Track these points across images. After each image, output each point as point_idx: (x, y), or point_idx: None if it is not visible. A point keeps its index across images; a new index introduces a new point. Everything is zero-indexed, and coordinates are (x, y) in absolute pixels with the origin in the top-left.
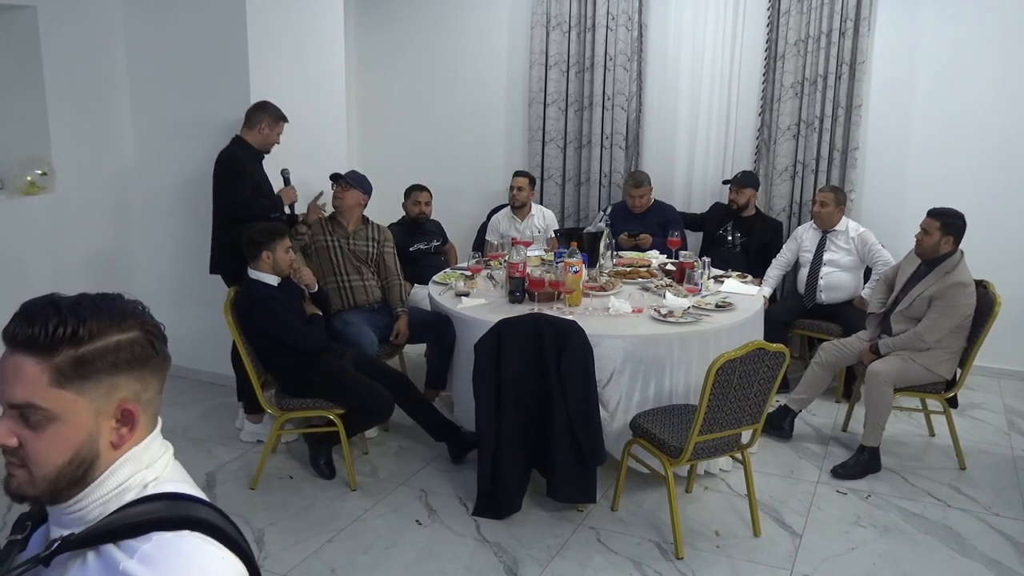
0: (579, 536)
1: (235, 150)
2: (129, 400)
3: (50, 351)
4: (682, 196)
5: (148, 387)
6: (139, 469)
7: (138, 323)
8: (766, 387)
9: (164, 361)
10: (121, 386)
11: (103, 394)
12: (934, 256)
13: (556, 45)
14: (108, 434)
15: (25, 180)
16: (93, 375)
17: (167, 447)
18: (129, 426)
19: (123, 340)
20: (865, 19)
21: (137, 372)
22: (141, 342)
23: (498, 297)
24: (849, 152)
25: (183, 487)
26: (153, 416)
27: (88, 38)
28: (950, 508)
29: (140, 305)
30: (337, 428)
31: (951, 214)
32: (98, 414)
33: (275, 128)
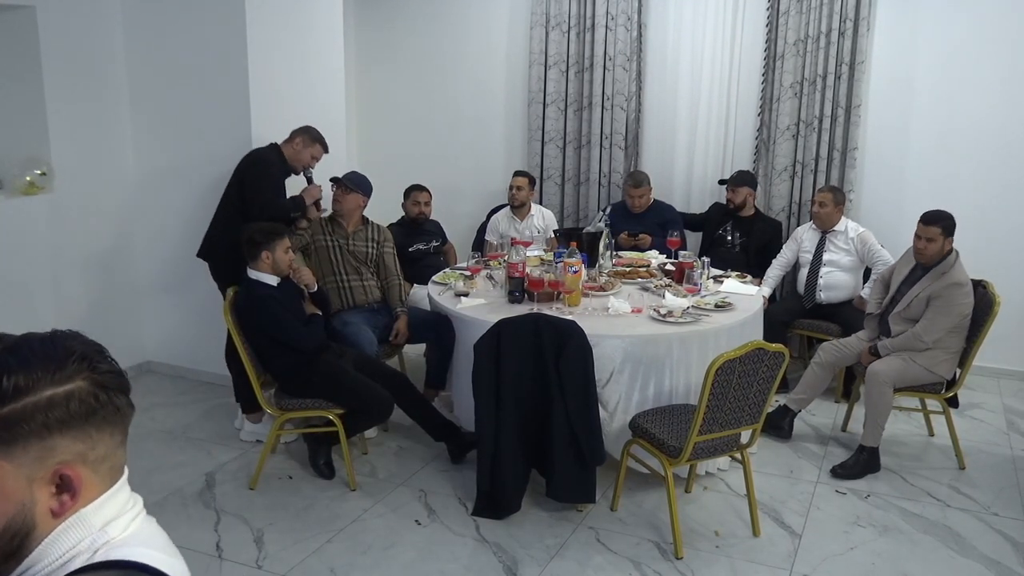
0: (578, 536)
1: (267, 153)
2: (70, 463)
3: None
4: (681, 196)
5: (98, 444)
6: (88, 533)
7: (82, 371)
8: (765, 387)
9: (115, 413)
10: (58, 448)
11: (34, 459)
12: (940, 259)
13: (555, 45)
14: (45, 501)
15: (24, 180)
16: (21, 438)
17: (134, 502)
18: (70, 492)
19: (58, 395)
20: (864, 19)
21: (78, 430)
22: (82, 395)
23: (497, 297)
24: (848, 152)
25: (144, 552)
26: (110, 473)
27: (87, 38)
28: (949, 508)
29: (92, 348)
30: (336, 428)
31: (944, 215)
32: (31, 481)
33: (309, 147)
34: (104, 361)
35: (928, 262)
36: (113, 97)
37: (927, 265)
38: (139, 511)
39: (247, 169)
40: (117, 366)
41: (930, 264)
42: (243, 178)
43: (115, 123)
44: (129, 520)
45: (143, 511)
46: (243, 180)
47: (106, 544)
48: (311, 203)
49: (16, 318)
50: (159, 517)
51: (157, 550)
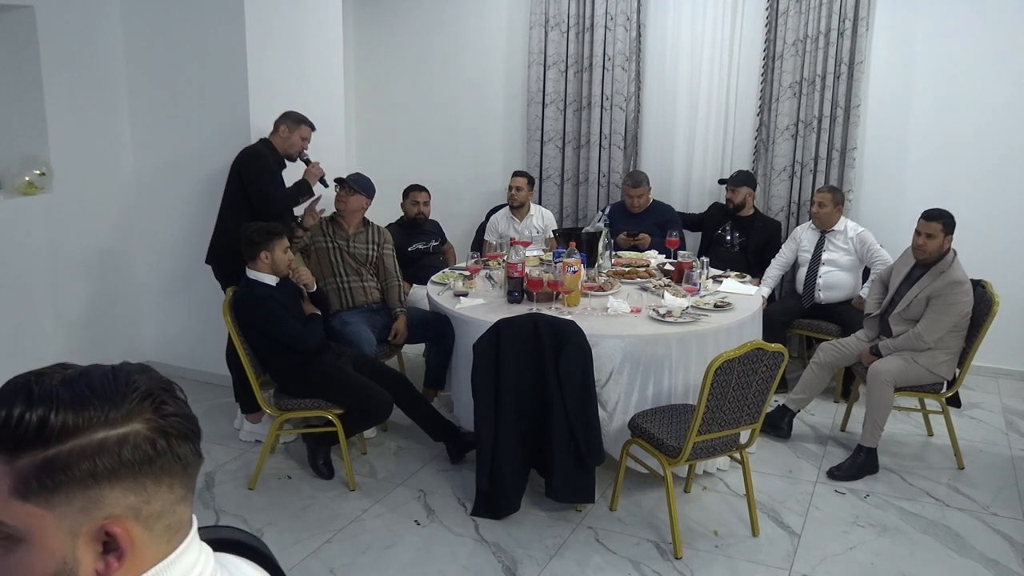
0: (578, 536)
1: (259, 147)
2: (119, 518)
3: (13, 449)
4: (680, 196)
5: (153, 497)
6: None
7: (143, 412)
8: (764, 387)
9: (176, 463)
10: (106, 500)
11: (79, 510)
12: (938, 259)
13: (554, 45)
14: (91, 562)
15: (23, 180)
16: (64, 485)
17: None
18: (117, 553)
19: (110, 438)
20: (863, 19)
21: (131, 480)
22: (138, 440)
23: (496, 297)
24: (847, 152)
25: None
26: (167, 532)
27: (86, 38)
28: (948, 508)
29: (158, 385)
30: (336, 428)
31: (945, 213)
32: (75, 536)
33: (295, 131)
34: (171, 402)
35: (927, 259)
36: (112, 97)
37: (926, 262)
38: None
39: (243, 167)
40: (186, 408)
41: (928, 262)
42: (241, 177)
43: (114, 123)
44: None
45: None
46: (242, 179)
47: None
48: (315, 182)
49: (15, 318)
50: None
51: None
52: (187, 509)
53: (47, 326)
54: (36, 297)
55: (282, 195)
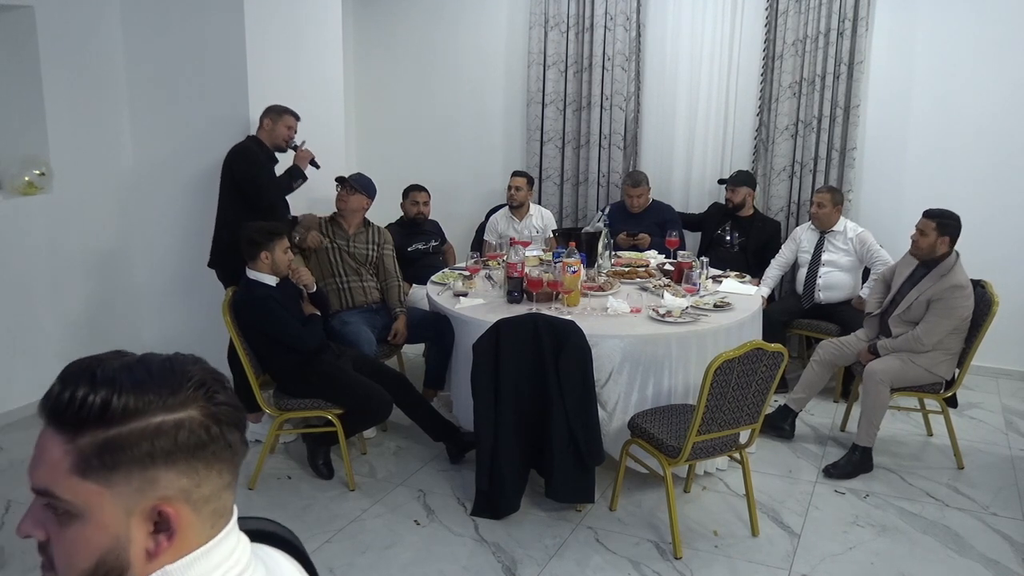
0: (577, 536)
1: (247, 143)
2: (171, 500)
3: (76, 428)
4: (680, 196)
5: (203, 483)
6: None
7: (197, 400)
8: (764, 387)
9: (226, 450)
10: (160, 481)
11: (135, 490)
12: (930, 257)
13: (554, 45)
14: (142, 540)
15: (23, 180)
16: (122, 464)
17: (238, 562)
18: (168, 533)
19: (167, 422)
20: (863, 19)
21: (184, 463)
22: (193, 425)
23: (496, 297)
24: (847, 152)
25: None
26: (213, 517)
27: (86, 38)
28: (948, 508)
29: (211, 376)
30: (335, 428)
31: (947, 215)
32: (129, 514)
33: (279, 122)
34: (222, 392)
35: (919, 255)
36: (112, 97)
37: (919, 258)
38: (241, 571)
39: (234, 163)
40: (235, 399)
41: (922, 258)
42: (234, 175)
43: (114, 123)
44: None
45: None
46: (234, 177)
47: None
48: (306, 165)
49: (15, 318)
50: None
51: None
52: (231, 496)
53: (47, 326)
54: (36, 297)
55: (275, 184)
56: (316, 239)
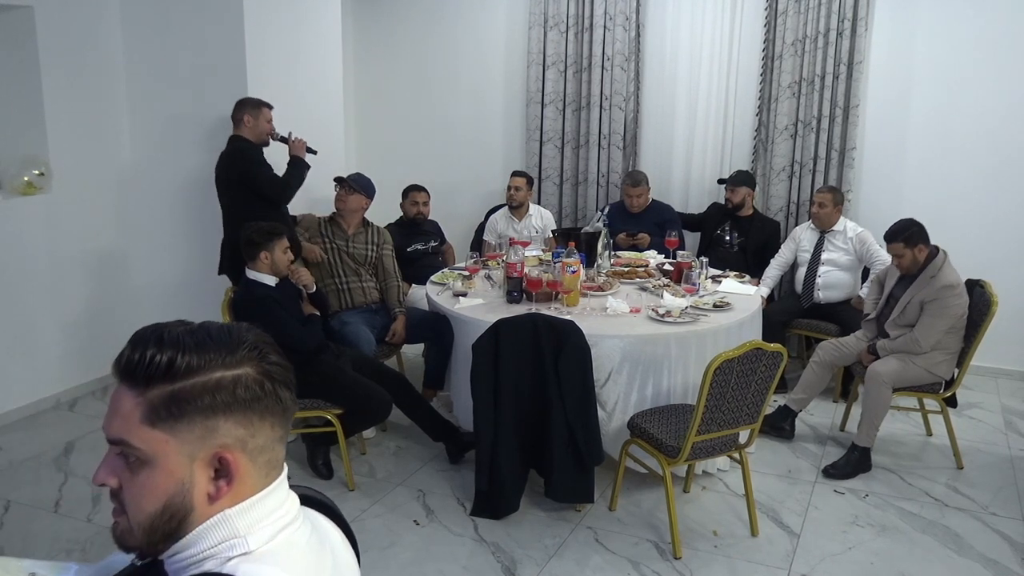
0: (577, 536)
1: (238, 144)
2: (230, 447)
3: (145, 384)
4: (680, 196)
5: (257, 433)
6: (231, 536)
7: (251, 359)
8: (764, 387)
9: (277, 404)
10: (220, 430)
11: (198, 437)
12: (919, 268)
13: (553, 45)
14: (204, 485)
15: (22, 180)
16: (187, 415)
17: (288, 510)
18: (227, 478)
19: (226, 378)
20: (862, 19)
21: (241, 415)
22: (248, 381)
23: (496, 297)
24: (846, 152)
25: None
26: (267, 466)
27: (85, 38)
28: (947, 508)
29: (263, 340)
30: (335, 428)
31: (904, 227)
32: (192, 460)
33: (259, 116)
34: (273, 353)
35: (908, 272)
36: (111, 97)
37: (909, 273)
38: (290, 522)
39: (234, 166)
40: (285, 361)
41: (912, 272)
42: (236, 176)
43: (113, 123)
44: (276, 530)
45: (298, 523)
46: (238, 178)
47: (242, 556)
48: (304, 153)
49: (14, 317)
50: None
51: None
52: (282, 449)
53: (45, 326)
54: (34, 297)
55: (286, 177)
56: (315, 254)
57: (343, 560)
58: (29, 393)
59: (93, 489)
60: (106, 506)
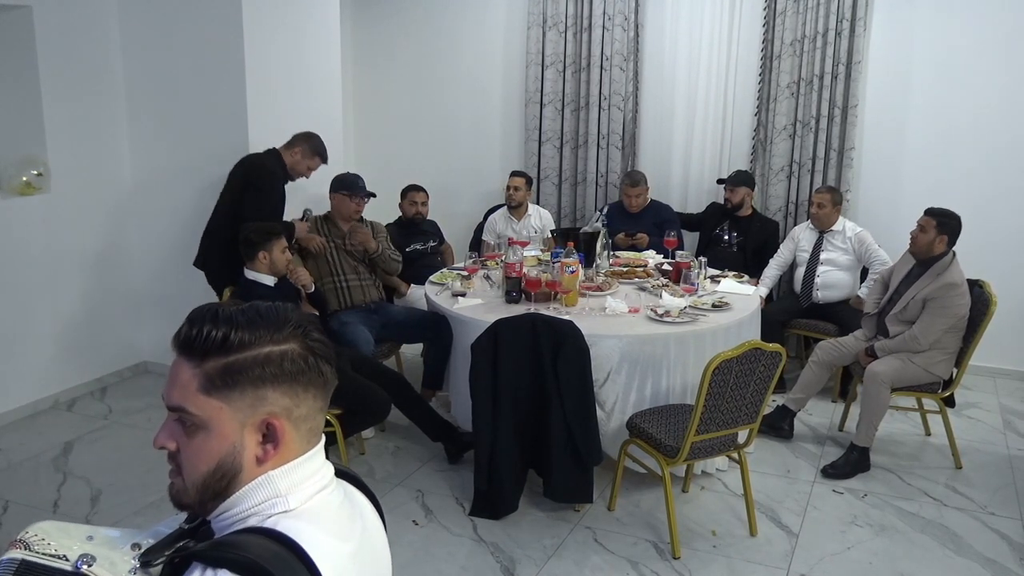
0: (576, 536)
1: (268, 161)
2: (277, 415)
3: (202, 356)
4: (678, 196)
5: (301, 403)
6: (273, 496)
7: (296, 336)
8: (762, 387)
9: (319, 377)
10: (269, 399)
11: (248, 405)
12: (928, 255)
13: (552, 45)
14: (253, 448)
15: (20, 180)
16: (239, 385)
17: (324, 474)
18: (273, 443)
19: (274, 352)
20: (861, 19)
21: (287, 386)
22: (294, 356)
23: (494, 297)
24: (845, 152)
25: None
26: (308, 435)
27: (84, 38)
28: (946, 507)
29: (306, 319)
30: (334, 428)
31: (948, 214)
32: (243, 426)
33: (308, 159)
34: (315, 331)
35: (917, 252)
36: (110, 97)
37: (916, 255)
38: (325, 484)
39: (253, 179)
40: (326, 338)
41: (918, 255)
42: (246, 186)
43: (112, 123)
44: (314, 491)
45: (332, 485)
46: (246, 188)
47: (282, 513)
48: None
49: (12, 318)
50: (156, 517)
51: (326, 532)
52: (323, 419)
53: (44, 325)
54: (33, 296)
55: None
56: (316, 242)
57: (372, 526)
58: (27, 393)
59: (92, 490)
60: (104, 507)
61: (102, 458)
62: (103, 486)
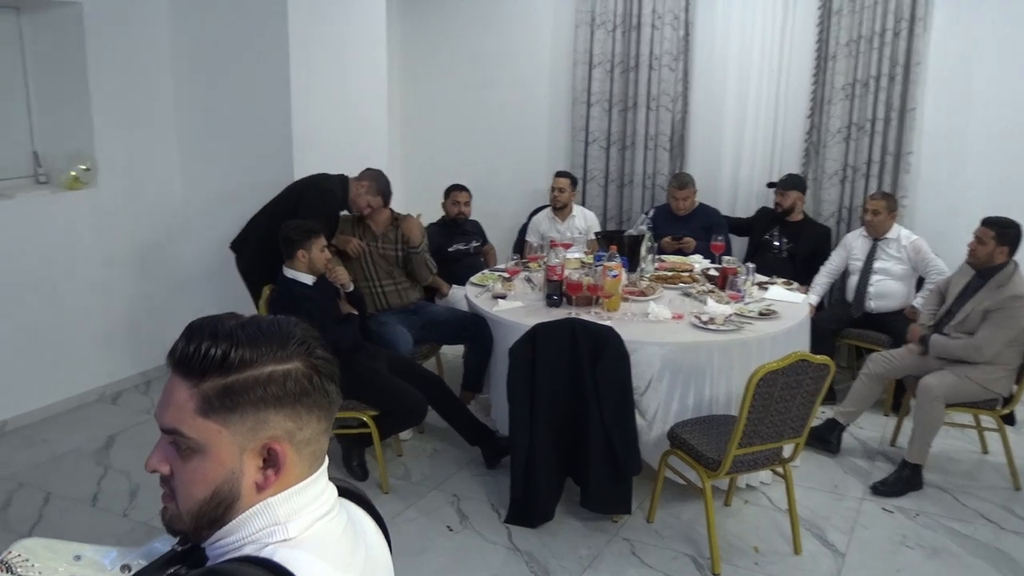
0: (613, 548)
1: (334, 183)
2: (279, 439)
3: (200, 376)
4: (727, 200)
5: (305, 426)
6: (272, 523)
7: (300, 354)
8: (810, 400)
9: (324, 398)
10: (271, 422)
11: (249, 429)
12: (987, 266)
13: (600, 44)
14: (252, 474)
15: (68, 175)
16: (240, 407)
17: (326, 500)
18: (275, 468)
19: (277, 372)
20: (920, 19)
21: (290, 408)
22: (298, 375)
23: (535, 300)
24: (902, 156)
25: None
26: (311, 458)
27: (133, 34)
28: (1003, 531)
29: (311, 335)
30: (370, 429)
31: (1006, 223)
32: (243, 450)
33: (371, 195)
34: (320, 348)
35: (976, 263)
36: (157, 93)
37: (975, 267)
38: (327, 511)
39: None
40: (330, 355)
41: (977, 267)
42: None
43: (160, 118)
44: (314, 518)
45: (335, 512)
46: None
47: (281, 542)
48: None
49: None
50: None
51: (326, 562)
52: (327, 441)
53: (91, 320)
54: (80, 290)
55: None
56: (353, 245)
57: (377, 551)
58: (73, 386)
59: (131, 484)
60: (143, 502)
61: (143, 453)
62: (142, 481)
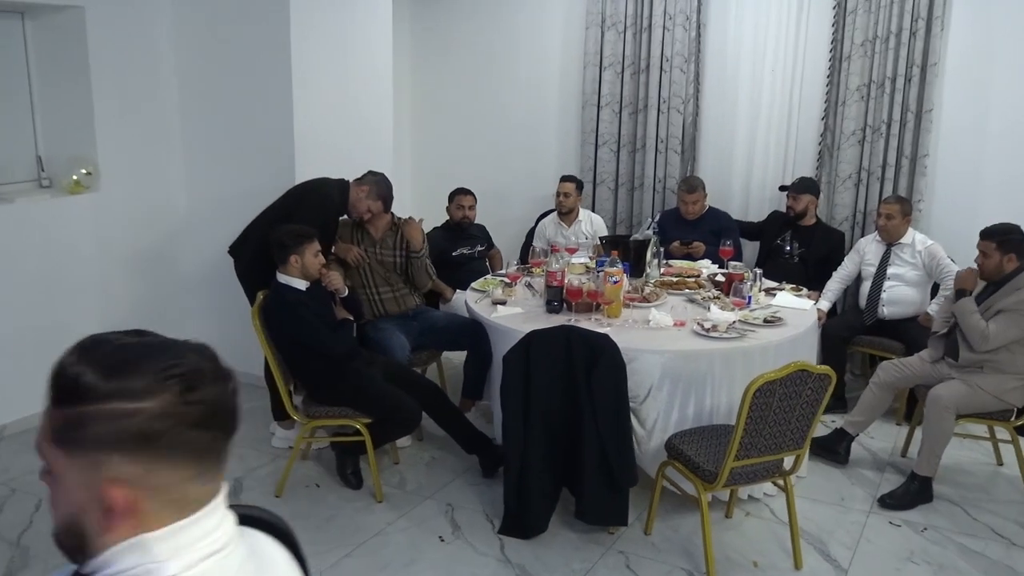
0: (607, 560)
1: (331, 187)
2: (120, 483)
3: (57, 399)
4: (739, 203)
5: (155, 473)
6: (149, 561)
7: (163, 392)
8: (810, 411)
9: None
10: (108, 464)
11: (87, 467)
12: (1000, 277)
13: (611, 46)
14: (96, 514)
15: (71, 179)
16: (78, 442)
17: (218, 540)
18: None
19: (120, 410)
20: (938, 18)
21: (138, 452)
22: (148, 417)
23: (535, 306)
24: (918, 159)
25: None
26: (173, 504)
27: (136, 38)
28: (1014, 546)
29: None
30: (364, 438)
31: (1005, 230)
32: (86, 488)
33: (371, 200)
34: (203, 389)
35: (988, 277)
36: (161, 97)
37: (987, 280)
38: (217, 549)
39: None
40: (225, 398)
41: (991, 279)
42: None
43: (162, 123)
44: (200, 557)
45: (230, 549)
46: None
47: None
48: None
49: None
50: None
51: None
52: (200, 488)
53: (93, 324)
54: (81, 294)
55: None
56: (352, 253)
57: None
58: None
59: None
60: None
61: None
62: None
